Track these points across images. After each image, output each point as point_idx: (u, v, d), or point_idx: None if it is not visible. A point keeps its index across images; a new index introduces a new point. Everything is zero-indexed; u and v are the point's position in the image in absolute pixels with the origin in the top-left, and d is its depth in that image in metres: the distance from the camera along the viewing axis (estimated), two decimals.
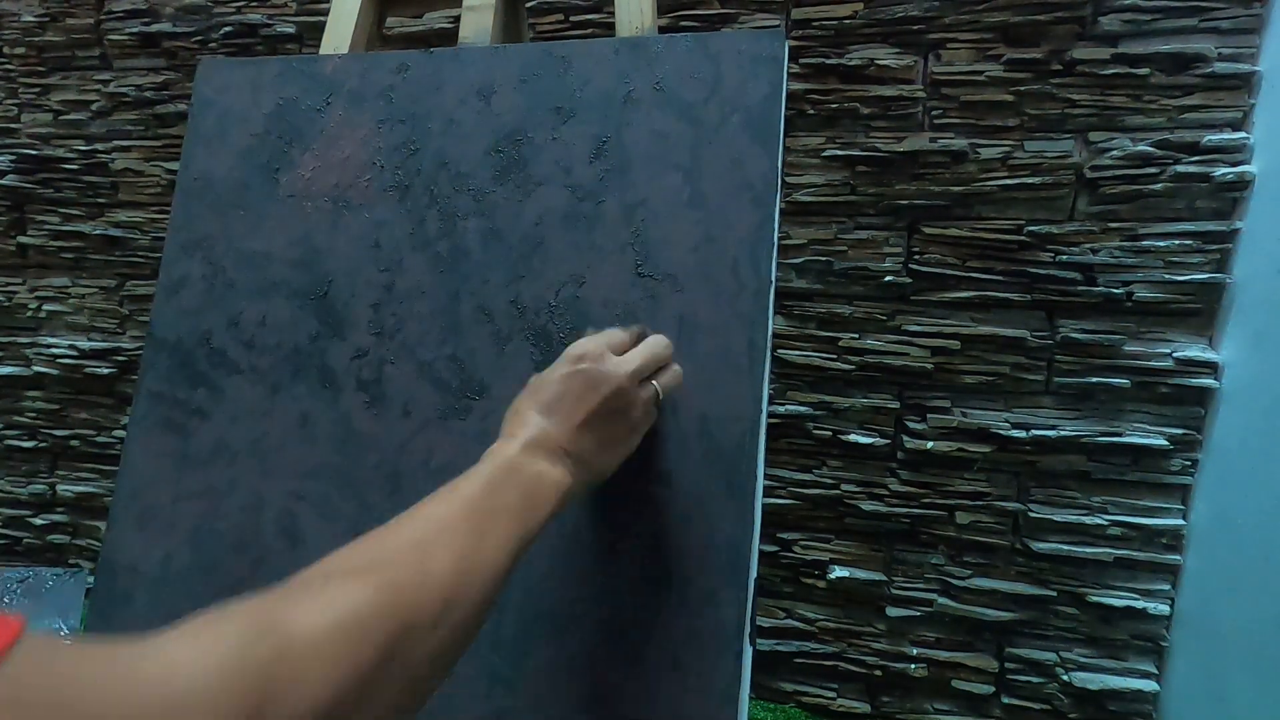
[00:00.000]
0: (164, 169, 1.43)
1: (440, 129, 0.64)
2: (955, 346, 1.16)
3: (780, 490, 1.26)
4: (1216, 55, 1.05)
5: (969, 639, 1.21)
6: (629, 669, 0.51)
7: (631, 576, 0.52)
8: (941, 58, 1.15)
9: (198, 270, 0.67)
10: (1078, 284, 1.12)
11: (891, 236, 1.19)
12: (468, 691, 0.53)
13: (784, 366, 1.23)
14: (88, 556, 1.59)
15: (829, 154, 1.18)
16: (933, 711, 1.23)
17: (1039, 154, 1.12)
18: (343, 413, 0.61)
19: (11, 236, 1.52)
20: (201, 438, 0.64)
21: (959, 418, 1.18)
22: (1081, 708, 1.16)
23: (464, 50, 0.66)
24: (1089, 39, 1.09)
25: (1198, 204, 1.08)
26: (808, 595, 1.28)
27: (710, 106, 0.59)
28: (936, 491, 1.20)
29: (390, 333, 0.62)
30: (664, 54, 0.61)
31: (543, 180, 0.61)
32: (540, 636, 0.53)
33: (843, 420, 1.23)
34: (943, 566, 1.21)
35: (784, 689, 1.28)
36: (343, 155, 0.66)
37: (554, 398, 0.44)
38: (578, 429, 0.43)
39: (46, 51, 1.46)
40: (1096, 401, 1.14)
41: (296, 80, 0.68)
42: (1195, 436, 1.11)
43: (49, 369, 1.52)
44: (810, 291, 1.22)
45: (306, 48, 1.37)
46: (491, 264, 0.61)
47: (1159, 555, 1.13)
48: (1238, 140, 1.05)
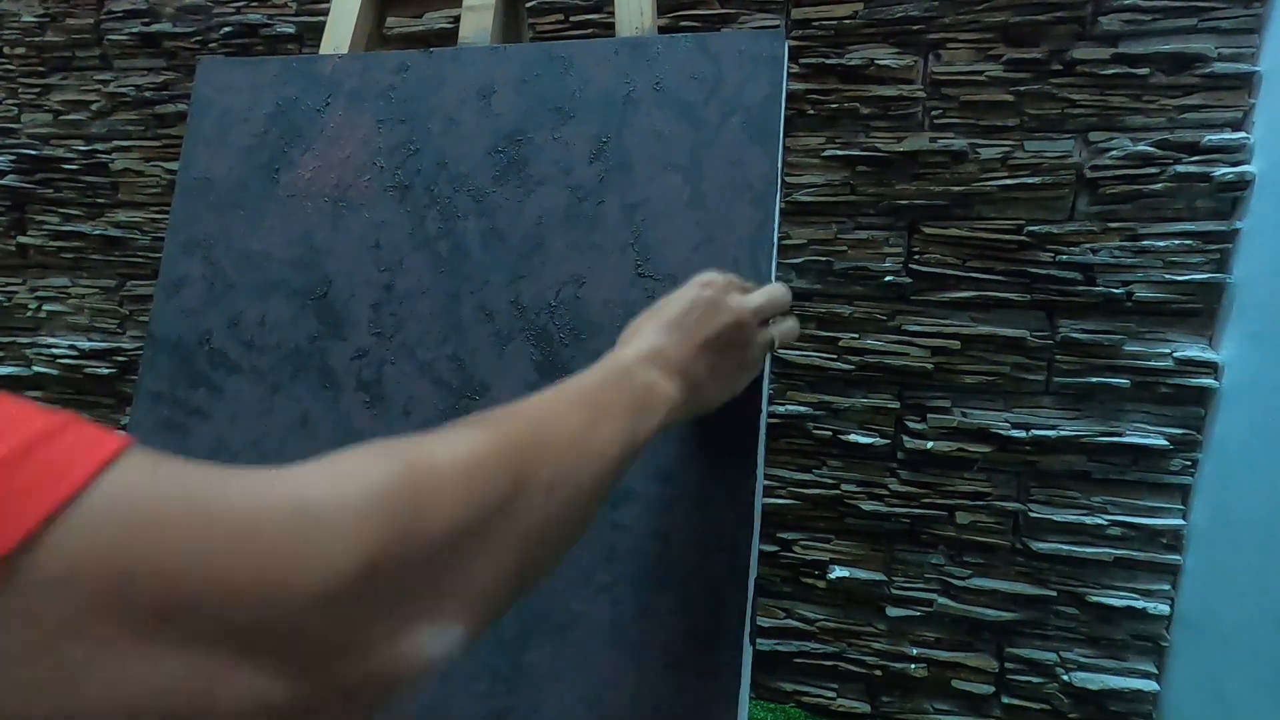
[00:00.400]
0: (164, 169, 1.44)
1: (440, 129, 0.64)
2: (955, 346, 1.16)
3: (780, 490, 1.26)
4: (1216, 55, 1.05)
5: (969, 639, 1.21)
6: (629, 669, 0.51)
7: (631, 576, 0.52)
8: (941, 58, 1.15)
9: (198, 270, 0.67)
10: (1078, 284, 1.12)
11: (891, 236, 1.19)
12: (468, 691, 0.53)
13: (784, 366, 1.23)
14: None
15: (829, 154, 1.18)
16: (933, 711, 1.23)
17: (1039, 154, 1.12)
18: (343, 413, 0.61)
19: (11, 236, 1.52)
20: (201, 437, 0.64)
21: (959, 418, 1.18)
22: (1081, 708, 1.16)
23: (464, 50, 0.66)
24: (1089, 39, 1.09)
25: (1198, 204, 1.08)
26: (808, 595, 1.28)
27: (710, 107, 0.59)
28: (936, 491, 1.20)
29: (390, 333, 0.62)
30: (664, 54, 0.61)
31: (543, 180, 0.61)
32: (540, 636, 0.53)
33: (843, 420, 1.23)
34: (943, 566, 1.21)
35: (784, 689, 1.28)
36: (343, 155, 0.66)
37: (675, 317, 0.44)
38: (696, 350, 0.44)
39: (46, 51, 1.46)
40: (1096, 401, 1.14)
41: (296, 80, 0.68)
42: (1195, 436, 1.11)
43: (49, 369, 1.52)
44: (810, 291, 1.22)
45: (306, 48, 1.37)
46: (491, 264, 0.61)
47: (1159, 555, 1.13)
48: (1238, 140, 1.05)
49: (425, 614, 0.25)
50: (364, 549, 0.23)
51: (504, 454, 0.30)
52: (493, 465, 0.29)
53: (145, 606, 0.19)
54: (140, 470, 0.20)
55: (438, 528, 0.25)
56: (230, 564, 0.20)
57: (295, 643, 0.21)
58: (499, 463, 0.29)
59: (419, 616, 0.24)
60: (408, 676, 0.24)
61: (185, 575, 0.20)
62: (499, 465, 0.29)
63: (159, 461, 0.21)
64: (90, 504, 0.19)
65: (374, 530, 0.23)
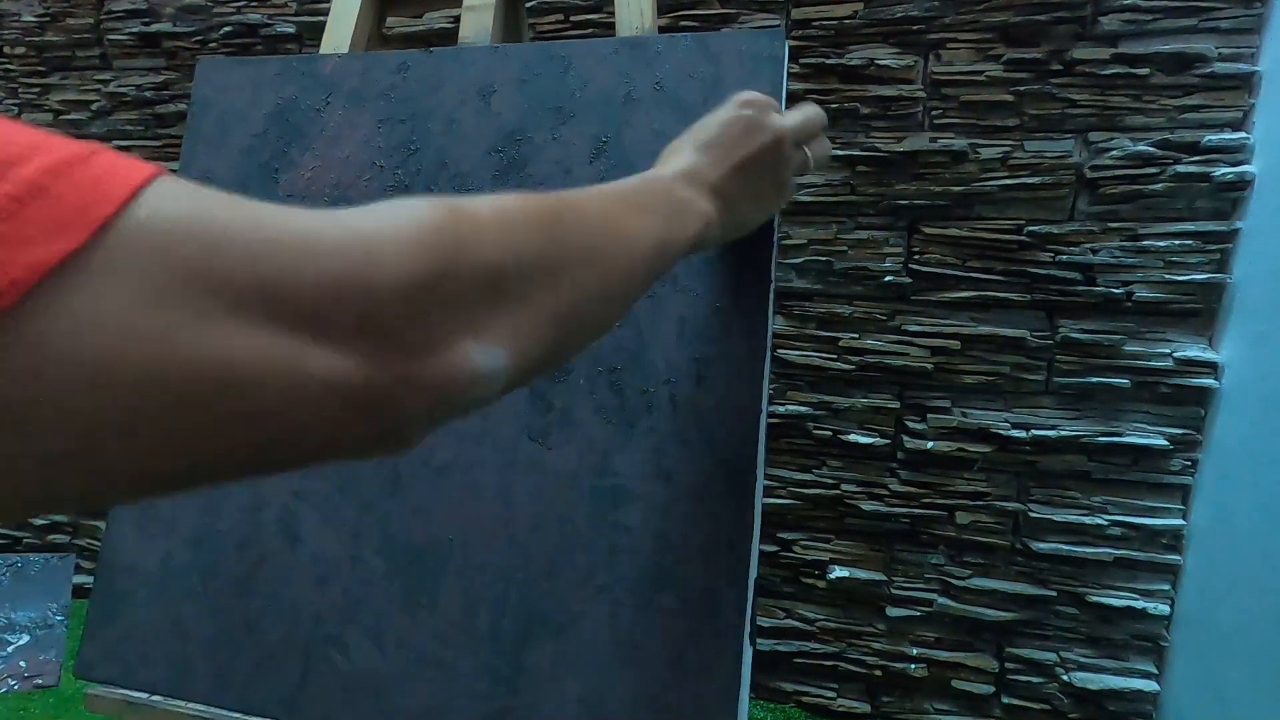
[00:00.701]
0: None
1: (440, 129, 0.64)
2: (955, 346, 1.16)
3: (780, 490, 1.26)
4: (1216, 55, 1.05)
5: (969, 639, 1.21)
6: (629, 669, 0.51)
7: (632, 576, 0.52)
8: (941, 58, 1.15)
9: None
10: (1078, 284, 1.12)
11: (891, 236, 1.19)
12: (468, 691, 0.53)
13: (784, 366, 1.23)
14: (88, 556, 1.59)
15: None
16: (933, 711, 1.23)
17: (1039, 154, 1.12)
18: None
19: None
20: None
21: (959, 418, 1.18)
22: (1081, 708, 1.16)
23: (464, 50, 0.66)
24: (1089, 39, 1.09)
25: (1198, 204, 1.08)
26: (808, 595, 1.28)
27: (710, 106, 0.59)
28: (936, 491, 1.20)
29: None
30: (664, 54, 0.61)
31: (543, 180, 0.61)
32: (540, 636, 0.53)
33: (843, 420, 1.23)
34: (943, 566, 1.21)
35: (784, 689, 1.28)
36: (343, 155, 0.66)
37: (713, 137, 0.45)
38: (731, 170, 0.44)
39: (46, 51, 1.46)
40: (1096, 401, 1.14)
41: (296, 80, 0.68)
42: (1195, 436, 1.11)
43: None
44: (810, 291, 1.22)
45: (306, 48, 1.37)
46: None
47: (1159, 555, 1.13)
48: (1238, 140, 1.05)
49: (477, 328, 0.27)
50: (420, 261, 0.25)
51: (544, 217, 0.31)
52: (533, 222, 0.31)
53: (234, 284, 0.21)
54: (183, 188, 0.22)
55: (483, 259, 0.27)
56: (298, 261, 0.22)
57: (368, 330, 0.23)
58: (539, 222, 0.31)
59: (471, 328, 0.27)
60: (465, 384, 0.26)
61: (265, 262, 0.21)
62: (539, 223, 0.31)
63: (200, 187, 0.22)
64: (159, 196, 0.20)
65: (427, 250, 0.25)
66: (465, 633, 0.54)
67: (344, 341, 0.23)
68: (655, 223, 0.37)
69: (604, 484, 0.54)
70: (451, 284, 0.26)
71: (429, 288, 0.25)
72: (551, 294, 0.30)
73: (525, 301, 0.29)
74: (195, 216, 0.21)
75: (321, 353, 0.22)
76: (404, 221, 0.25)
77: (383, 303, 0.24)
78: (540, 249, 0.30)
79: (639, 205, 0.38)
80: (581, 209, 0.34)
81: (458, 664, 0.54)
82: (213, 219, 0.21)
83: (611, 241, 0.34)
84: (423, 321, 0.25)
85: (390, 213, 0.26)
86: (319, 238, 0.23)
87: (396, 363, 0.24)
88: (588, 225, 0.33)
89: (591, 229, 0.34)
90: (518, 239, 0.29)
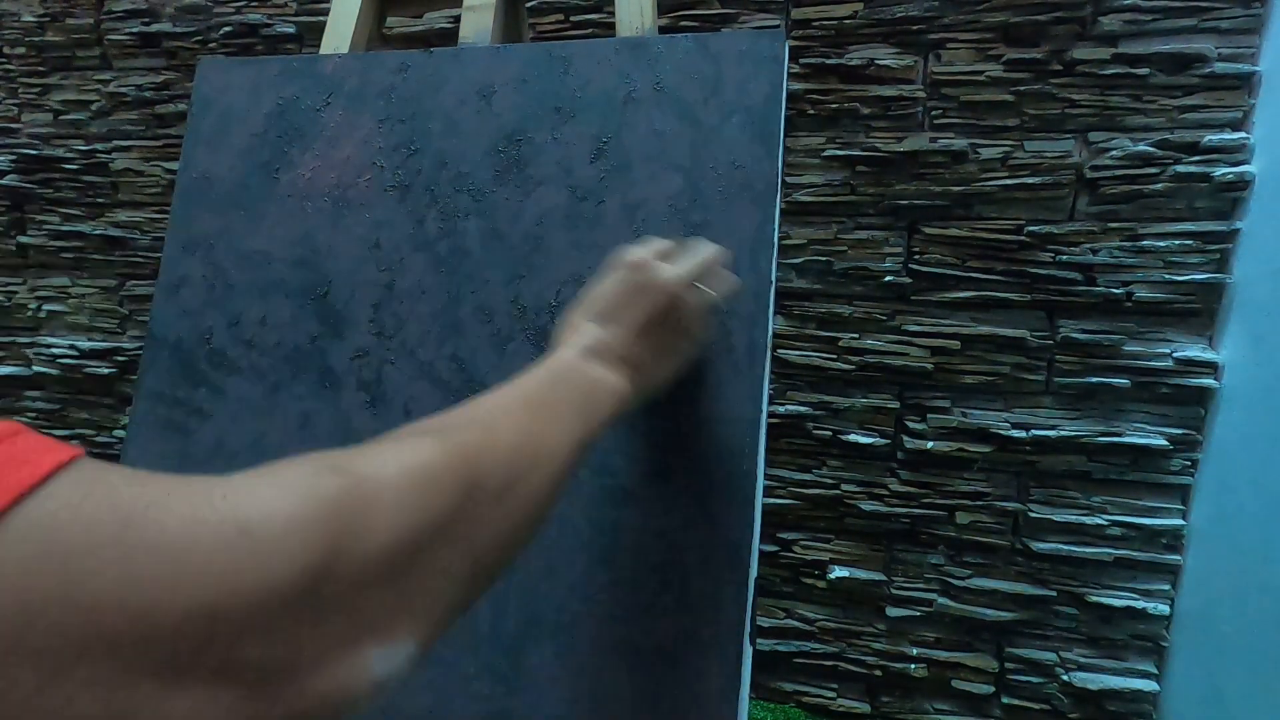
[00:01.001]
0: (164, 169, 1.44)
1: (440, 129, 0.64)
2: (955, 346, 1.16)
3: (780, 490, 1.26)
4: (1216, 55, 1.05)
5: (969, 639, 1.21)
6: (629, 669, 0.51)
7: (631, 576, 0.52)
8: (941, 58, 1.15)
9: (198, 270, 0.67)
10: (1078, 284, 1.12)
11: (891, 236, 1.19)
12: (468, 691, 0.53)
13: (784, 366, 1.23)
14: None
15: (829, 154, 1.18)
16: (933, 711, 1.23)
17: (1039, 154, 1.12)
18: (343, 412, 0.61)
19: (11, 236, 1.52)
20: (202, 437, 0.64)
21: (959, 418, 1.18)
22: (1081, 708, 1.16)
23: (464, 50, 0.66)
24: (1089, 39, 1.09)
25: (1198, 204, 1.08)
26: (808, 595, 1.28)
27: (710, 107, 0.59)
28: (936, 491, 1.20)
29: (390, 332, 0.62)
30: (664, 54, 0.61)
31: (543, 180, 0.61)
32: (540, 636, 0.53)
33: (843, 420, 1.23)
34: (943, 566, 1.21)
35: (784, 689, 1.28)
36: (343, 155, 0.66)
37: (608, 306, 0.44)
38: (634, 336, 0.43)
39: (46, 51, 1.46)
40: (1096, 401, 1.14)
41: (296, 80, 0.68)
42: (1195, 436, 1.11)
43: (49, 369, 1.52)
44: (810, 291, 1.22)
45: (306, 48, 1.37)
46: (492, 264, 0.61)
47: (1159, 555, 1.13)
48: (1238, 140, 1.05)
49: (373, 631, 0.24)
50: (302, 564, 0.22)
51: (453, 464, 0.29)
52: (441, 476, 0.28)
53: (56, 643, 0.18)
54: (73, 491, 0.19)
55: (384, 542, 0.24)
56: (157, 591, 0.19)
57: (233, 668, 0.20)
58: (448, 473, 0.28)
59: (366, 634, 0.24)
60: (358, 698, 0.23)
61: (106, 606, 0.18)
62: (448, 476, 0.28)
63: (99, 479, 0.20)
64: (7, 532, 0.18)
65: (314, 546, 0.22)
66: (465, 633, 0.54)
67: (207, 685, 0.20)
68: (571, 424, 0.36)
69: (603, 484, 0.54)
70: (344, 585, 0.23)
71: (315, 594, 0.22)
72: (467, 548, 0.28)
73: (437, 567, 0.27)
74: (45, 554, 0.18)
75: (174, 706, 0.19)
76: (295, 510, 0.23)
77: (253, 630, 0.21)
78: (454, 506, 0.28)
79: (552, 410, 0.36)
80: (496, 443, 0.32)
81: (458, 664, 0.54)
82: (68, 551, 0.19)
83: (530, 467, 0.32)
84: (307, 641, 0.22)
85: (282, 495, 0.23)
86: (189, 551, 0.20)
87: (273, 699, 0.21)
88: (503, 459, 0.31)
89: (508, 461, 0.32)
90: (429, 503, 0.27)
